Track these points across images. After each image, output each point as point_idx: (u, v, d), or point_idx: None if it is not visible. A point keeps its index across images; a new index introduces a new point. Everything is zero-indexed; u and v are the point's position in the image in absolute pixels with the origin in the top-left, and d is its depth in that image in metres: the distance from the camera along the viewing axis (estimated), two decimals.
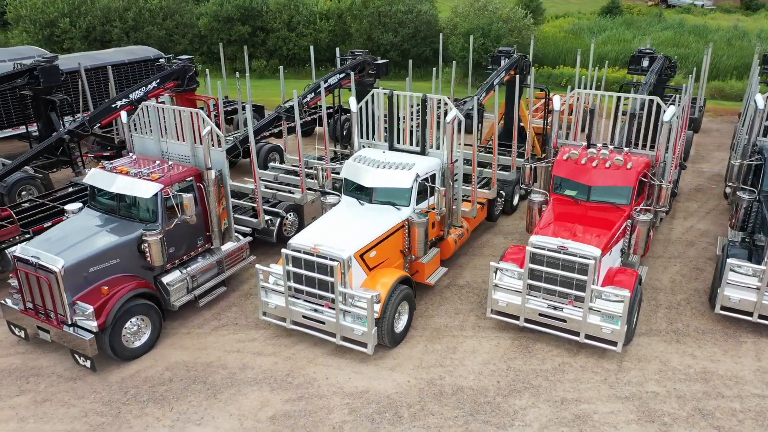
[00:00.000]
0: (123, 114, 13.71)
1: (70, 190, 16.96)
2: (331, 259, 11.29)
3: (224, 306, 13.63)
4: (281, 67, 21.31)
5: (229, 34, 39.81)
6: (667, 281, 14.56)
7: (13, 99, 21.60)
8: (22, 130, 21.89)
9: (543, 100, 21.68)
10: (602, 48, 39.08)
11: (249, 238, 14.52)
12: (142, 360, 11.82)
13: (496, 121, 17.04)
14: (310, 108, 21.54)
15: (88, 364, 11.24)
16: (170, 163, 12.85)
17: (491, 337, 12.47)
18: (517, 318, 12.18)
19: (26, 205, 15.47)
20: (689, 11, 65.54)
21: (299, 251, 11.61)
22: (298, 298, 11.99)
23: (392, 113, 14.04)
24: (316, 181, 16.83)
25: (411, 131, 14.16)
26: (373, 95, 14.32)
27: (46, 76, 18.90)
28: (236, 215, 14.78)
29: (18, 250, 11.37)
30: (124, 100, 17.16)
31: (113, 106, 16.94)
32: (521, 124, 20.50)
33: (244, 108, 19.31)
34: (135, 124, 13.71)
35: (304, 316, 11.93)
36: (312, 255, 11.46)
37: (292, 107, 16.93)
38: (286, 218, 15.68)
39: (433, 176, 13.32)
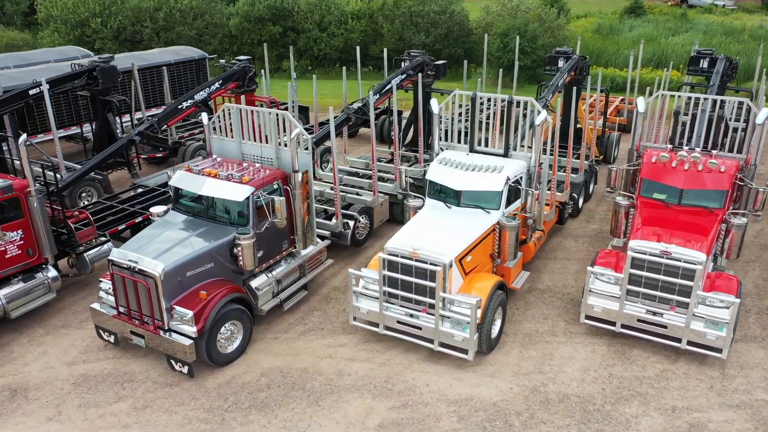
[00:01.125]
0: (204, 116, 13.52)
1: (139, 191, 16.82)
2: (431, 264, 11.09)
3: (307, 310, 13.44)
4: (333, 67, 21.15)
5: (260, 34, 39.66)
6: (751, 285, 14.33)
7: (64, 100, 21.45)
8: (72, 131, 21.84)
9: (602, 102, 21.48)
10: (634, 48, 38.77)
11: (327, 242, 14.33)
12: (236, 366, 11.64)
13: (558, 122, 16.82)
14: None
15: (185, 370, 11.07)
16: (257, 165, 12.66)
17: (585, 343, 12.26)
18: (613, 324, 11.96)
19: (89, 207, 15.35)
20: (711, 11, 65.19)
21: (396, 255, 11.41)
22: (392, 303, 11.79)
23: (474, 115, 13.84)
24: (388, 183, 16.77)
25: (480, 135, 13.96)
26: (454, 96, 14.13)
27: (105, 77, 18.73)
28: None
29: (114, 254, 11.18)
30: (189, 101, 17.00)
31: (179, 107, 16.78)
32: (579, 125, 20.31)
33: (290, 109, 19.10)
34: (214, 126, 13.55)
35: (398, 322, 11.72)
36: (411, 259, 11.26)
37: (360, 108, 16.75)
38: (359, 221, 15.48)
39: (520, 179, 13.12)
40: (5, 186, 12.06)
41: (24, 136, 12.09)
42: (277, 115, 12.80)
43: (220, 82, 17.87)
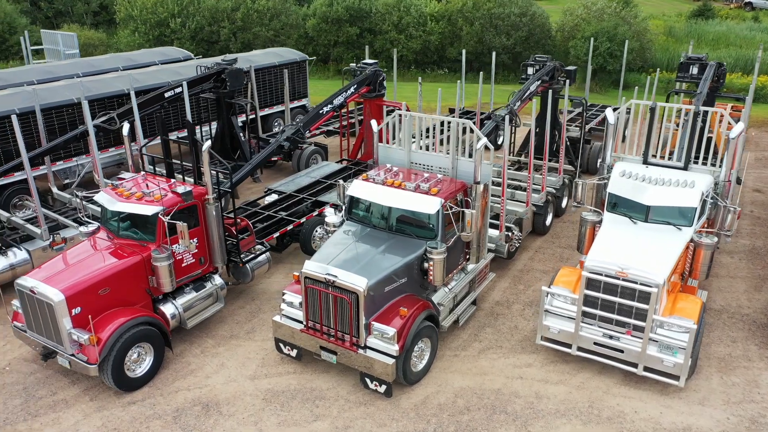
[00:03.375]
0: (373, 123, 13.13)
1: (274, 197, 16.52)
2: (642, 284, 10.52)
3: (477, 326, 12.97)
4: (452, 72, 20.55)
5: (336, 35, 39.39)
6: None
7: (172, 104, 21.20)
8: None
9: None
10: (712, 52, 37.66)
11: (491, 255, 13.84)
12: (426, 385, 11.21)
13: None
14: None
15: (381, 389, 10.65)
16: (440, 176, 12.21)
17: None
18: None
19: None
20: None
21: (600, 274, 10.85)
22: (588, 324, 11.25)
23: (652, 125, 13.22)
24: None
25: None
26: (631, 106, 13.52)
27: (233, 80, 18.53)
28: None
29: (308, 267, 10.79)
30: (329, 106, 16.66)
31: (320, 112, 16.44)
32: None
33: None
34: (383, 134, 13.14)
35: (595, 343, 11.17)
36: (617, 279, 10.70)
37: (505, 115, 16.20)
38: (513, 232, 14.96)
39: (708, 194, 12.47)
40: (186, 192, 11.79)
41: (208, 142, 11.79)
42: (457, 123, 12.34)
43: (355, 86, 17.48)
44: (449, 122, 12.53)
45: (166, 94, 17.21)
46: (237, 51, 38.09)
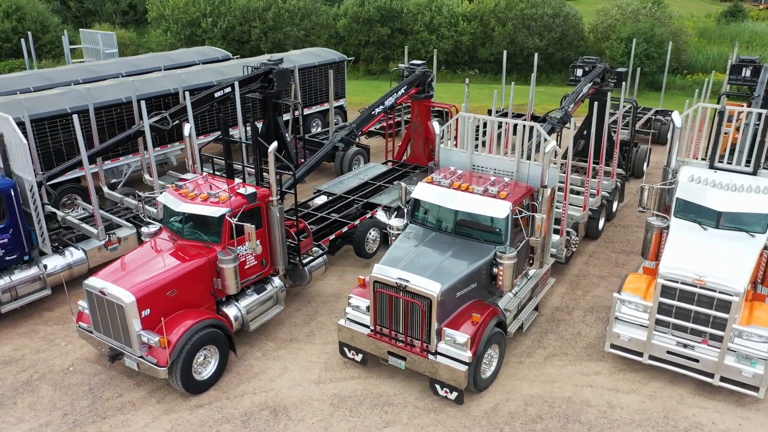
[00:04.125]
0: (436, 125, 12.97)
1: (324, 199, 16.42)
2: (722, 293, 10.27)
3: (539, 332, 12.76)
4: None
5: (367, 35, 39.29)
6: None
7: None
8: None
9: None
10: (746, 52, 37.07)
11: (552, 260, 13.62)
12: (494, 392, 11.03)
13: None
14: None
15: (452, 396, 10.48)
16: (506, 179, 12.01)
17: None
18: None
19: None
20: None
21: (676, 281, 10.61)
22: (661, 332, 11.00)
23: (720, 130, 12.94)
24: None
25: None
26: (696, 110, 13.25)
27: (280, 80, 18.44)
28: None
29: (377, 271, 10.63)
30: (380, 107, 16.53)
31: (372, 113, 16.31)
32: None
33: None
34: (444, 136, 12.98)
35: (668, 352, 10.93)
36: (695, 286, 10.46)
37: (561, 118, 15.99)
38: (572, 237, 14.73)
39: None
40: (251, 194, 11.69)
41: (275, 144, 11.68)
42: (524, 126, 12.15)
43: (405, 87, 17.32)
44: (515, 125, 12.32)
45: (216, 94, 17.16)
46: (267, 51, 38.12)
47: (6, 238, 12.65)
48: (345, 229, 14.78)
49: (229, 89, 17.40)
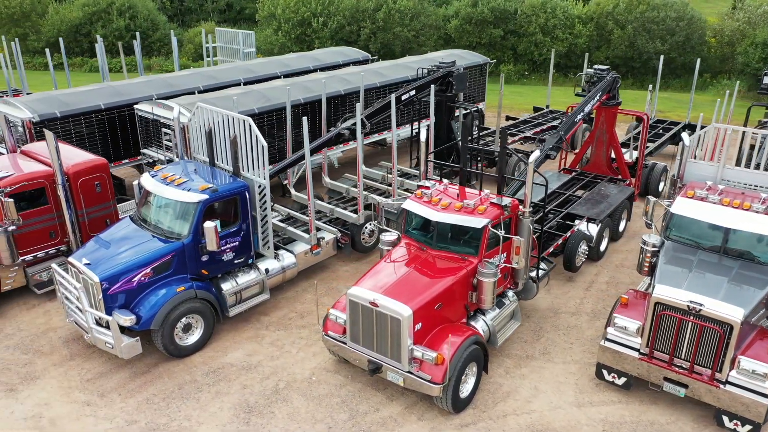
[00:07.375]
0: (684, 135, 12.25)
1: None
2: None
3: None
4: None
5: (479, 37, 38.64)
6: None
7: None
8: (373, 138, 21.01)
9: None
10: None
11: None
12: None
13: None
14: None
15: (744, 429, 9.74)
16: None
17: None
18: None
19: None
20: None
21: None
22: None
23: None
24: None
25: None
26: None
27: (459, 82, 17.97)
28: None
29: (662, 292, 9.98)
30: (581, 114, 15.85)
31: (575, 120, 15.66)
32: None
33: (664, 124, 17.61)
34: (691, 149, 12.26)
35: None
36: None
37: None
38: None
39: None
40: (506, 205, 11.21)
41: (536, 153, 11.16)
42: None
43: (600, 93, 16.60)
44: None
45: (403, 97, 16.77)
46: (376, 51, 37.83)
47: (237, 240, 12.48)
48: (560, 241, 14.18)
49: (413, 92, 17.01)
